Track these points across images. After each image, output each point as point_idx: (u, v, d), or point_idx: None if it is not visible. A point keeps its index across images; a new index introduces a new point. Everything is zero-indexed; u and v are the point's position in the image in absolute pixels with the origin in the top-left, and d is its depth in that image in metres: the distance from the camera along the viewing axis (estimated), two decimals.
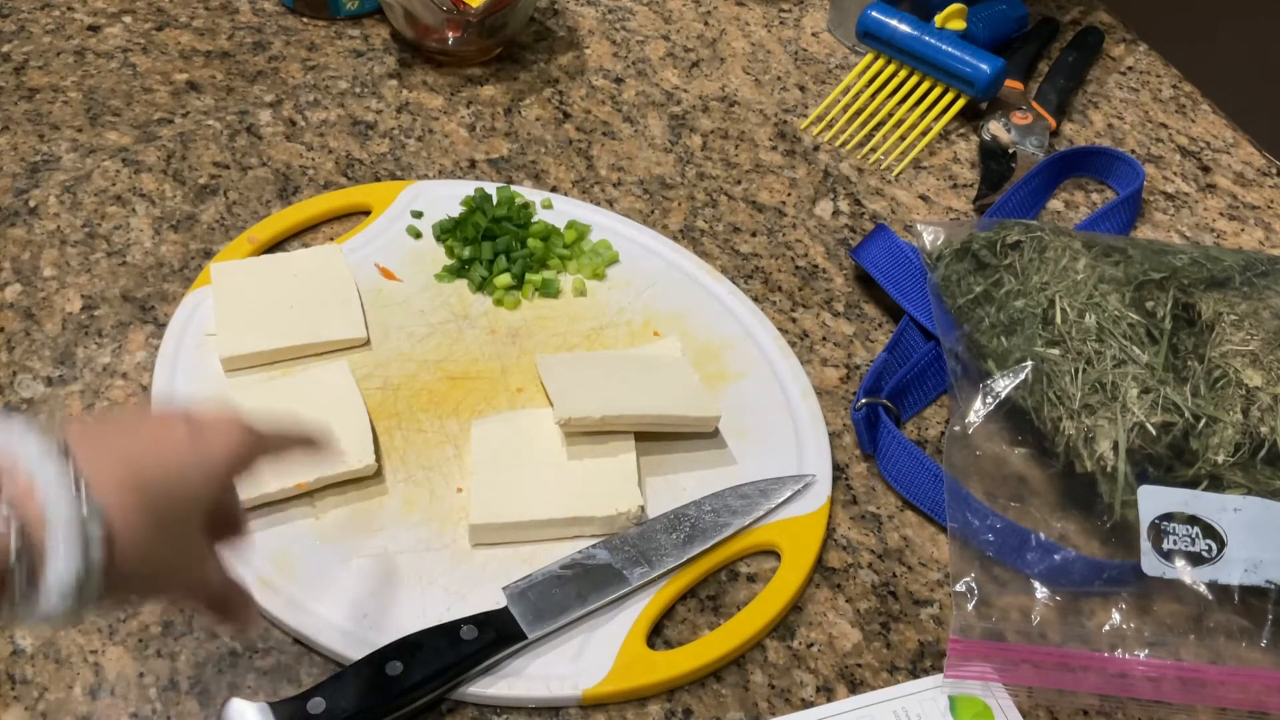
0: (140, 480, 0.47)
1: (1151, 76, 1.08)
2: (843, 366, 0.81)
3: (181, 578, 0.51)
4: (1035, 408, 0.72)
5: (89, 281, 0.79)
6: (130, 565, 0.46)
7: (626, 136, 0.95)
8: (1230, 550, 0.66)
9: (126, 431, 0.51)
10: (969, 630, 0.65)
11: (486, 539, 0.67)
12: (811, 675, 0.65)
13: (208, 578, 0.52)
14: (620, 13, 1.06)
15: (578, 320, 0.80)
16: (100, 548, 0.45)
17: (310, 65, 0.96)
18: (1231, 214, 0.96)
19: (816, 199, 0.92)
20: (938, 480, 0.71)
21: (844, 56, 1.05)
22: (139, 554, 0.46)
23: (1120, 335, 0.72)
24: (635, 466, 0.70)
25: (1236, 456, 0.68)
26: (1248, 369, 0.70)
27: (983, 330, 0.76)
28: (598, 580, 0.65)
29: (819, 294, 0.85)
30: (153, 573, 0.49)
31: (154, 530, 0.47)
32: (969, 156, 0.97)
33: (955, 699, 0.64)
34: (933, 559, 0.71)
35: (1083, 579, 0.67)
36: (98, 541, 0.45)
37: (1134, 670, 0.65)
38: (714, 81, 1.01)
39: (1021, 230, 0.79)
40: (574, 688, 0.62)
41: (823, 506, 0.71)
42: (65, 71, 0.93)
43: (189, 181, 0.86)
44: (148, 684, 0.61)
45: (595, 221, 0.86)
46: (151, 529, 0.47)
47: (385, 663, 0.60)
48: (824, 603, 0.69)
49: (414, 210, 0.85)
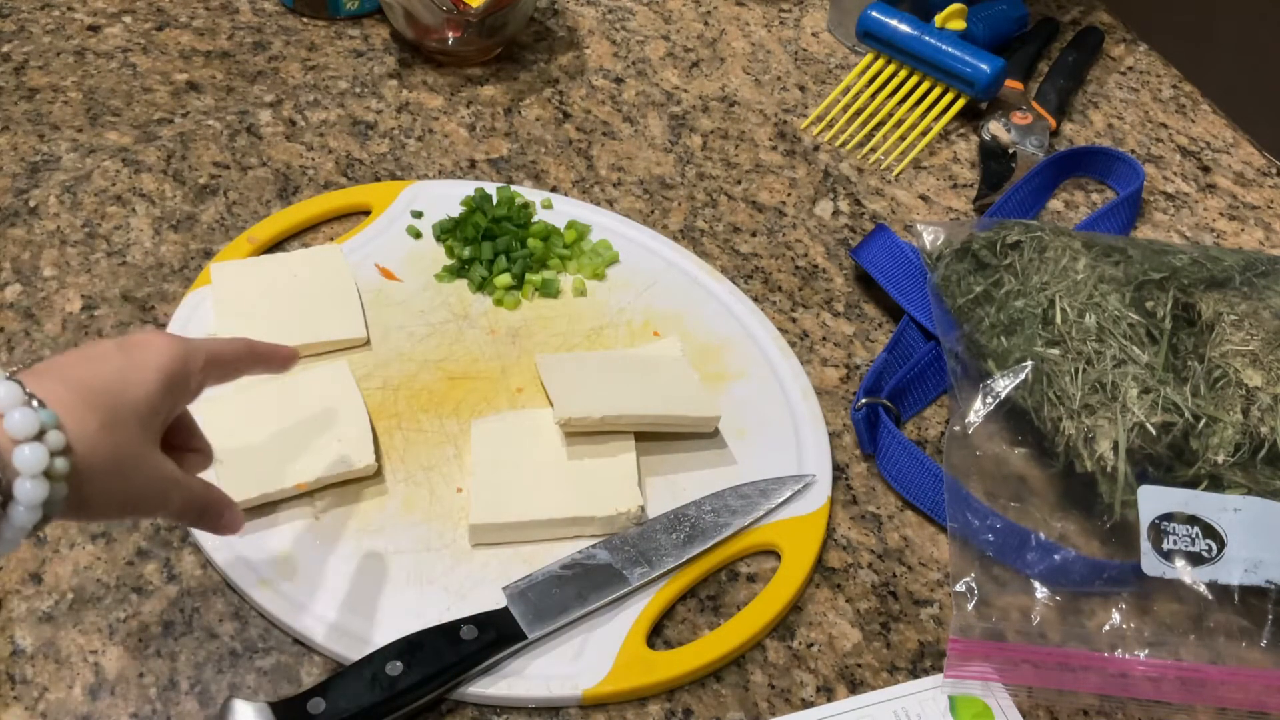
0: (85, 392, 0.50)
1: (1151, 76, 1.08)
2: (843, 366, 0.81)
3: (149, 486, 0.52)
4: (1035, 408, 0.72)
5: (89, 281, 0.79)
6: (95, 472, 0.49)
7: (626, 136, 0.95)
8: (1230, 550, 0.66)
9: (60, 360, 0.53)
10: (969, 630, 0.65)
11: (486, 539, 0.67)
12: (811, 675, 0.65)
13: (178, 486, 0.54)
14: (620, 13, 1.06)
15: (578, 320, 0.80)
16: (63, 456, 0.47)
17: (310, 65, 0.96)
18: (1231, 214, 0.96)
19: (816, 199, 0.92)
20: (938, 480, 0.71)
21: (844, 56, 1.05)
22: (100, 461, 0.49)
23: (1120, 335, 0.72)
24: (635, 466, 0.70)
25: (1236, 456, 0.68)
26: (1248, 369, 0.70)
27: (983, 330, 0.76)
28: (598, 580, 0.65)
29: (819, 294, 0.85)
30: (119, 480, 0.51)
31: (109, 437, 0.49)
32: (969, 156, 0.97)
33: (955, 699, 0.64)
34: (933, 559, 0.71)
35: (1083, 579, 0.67)
36: (59, 448, 0.47)
37: (1134, 670, 0.65)
38: (714, 81, 1.01)
39: (1021, 230, 0.79)
40: (574, 688, 0.62)
41: (823, 506, 0.71)
42: (65, 71, 0.93)
43: (189, 181, 0.86)
44: (148, 684, 0.61)
45: (595, 221, 0.86)
46: (106, 434, 0.49)
47: (385, 663, 0.60)
48: (824, 603, 0.69)
49: (414, 210, 0.85)
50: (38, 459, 0.46)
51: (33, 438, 0.46)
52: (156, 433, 0.53)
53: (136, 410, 0.51)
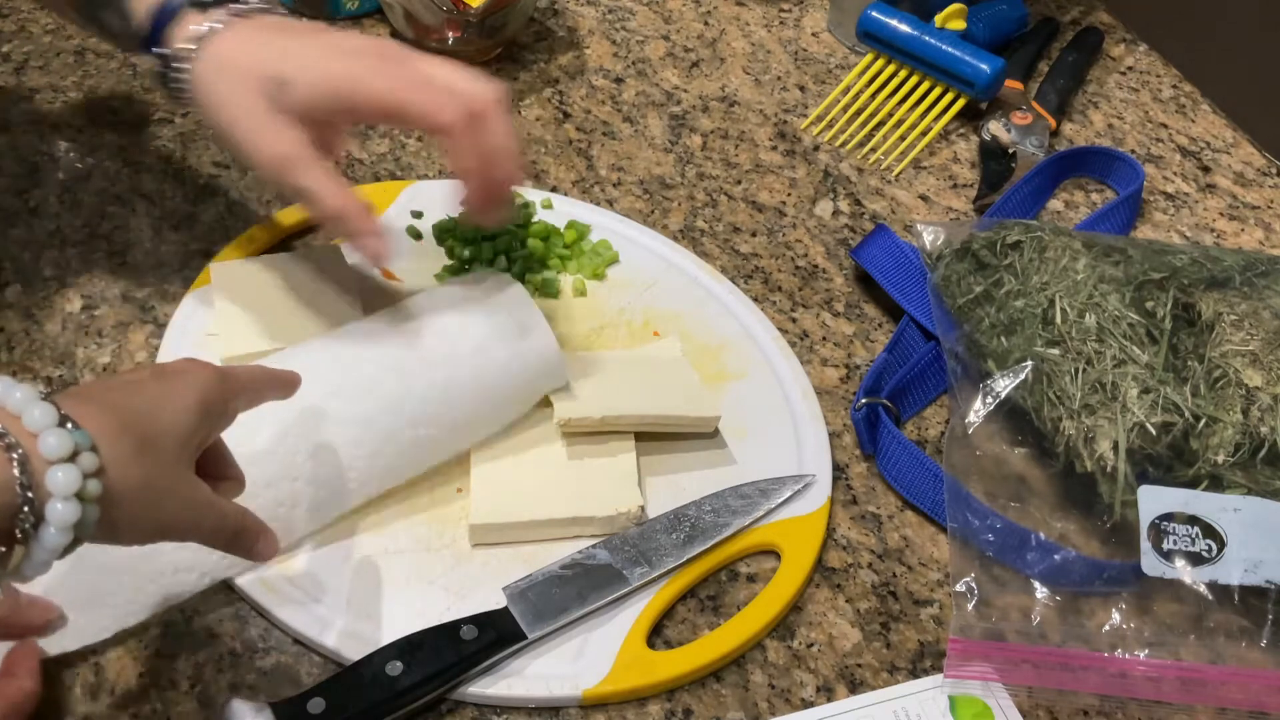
0: (120, 415, 0.50)
1: (1151, 76, 1.08)
2: (843, 366, 0.81)
3: (181, 511, 0.53)
4: (1035, 408, 0.72)
5: (89, 281, 0.79)
6: (128, 496, 0.49)
7: (626, 136, 0.95)
8: (1230, 550, 0.66)
9: (97, 385, 0.54)
10: (969, 630, 0.65)
11: (486, 539, 0.67)
12: (811, 675, 0.65)
13: (212, 512, 0.54)
14: (620, 13, 1.06)
15: (578, 320, 0.80)
16: (96, 478, 0.47)
17: None
18: (1231, 214, 0.96)
19: (816, 199, 0.92)
20: (938, 480, 0.71)
21: (844, 56, 1.05)
22: (133, 485, 0.49)
23: (1120, 335, 0.72)
24: (635, 467, 0.70)
25: (1236, 456, 0.68)
26: (1248, 369, 0.70)
27: (983, 330, 0.76)
28: (598, 580, 0.65)
29: (819, 294, 0.85)
30: (152, 504, 0.51)
31: (143, 461, 0.50)
32: (969, 156, 0.97)
33: (955, 699, 0.64)
34: (933, 559, 0.71)
35: (1083, 579, 0.67)
36: (92, 465, 0.47)
37: (1134, 670, 0.65)
38: (714, 81, 1.01)
39: (1021, 230, 0.79)
40: (574, 688, 0.62)
41: (823, 506, 0.71)
42: (65, 71, 0.93)
43: (189, 181, 0.86)
44: (148, 684, 0.61)
45: (595, 221, 0.86)
46: (139, 458, 0.49)
47: (385, 663, 0.60)
48: (824, 603, 0.69)
49: (414, 210, 0.85)
50: (70, 481, 0.46)
51: (66, 459, 0.46)
52: (191, 459, 0.54)
53: (172, 436, 0.52)
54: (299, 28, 0.68)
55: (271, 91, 0.64)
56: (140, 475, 0.50)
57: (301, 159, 0.64)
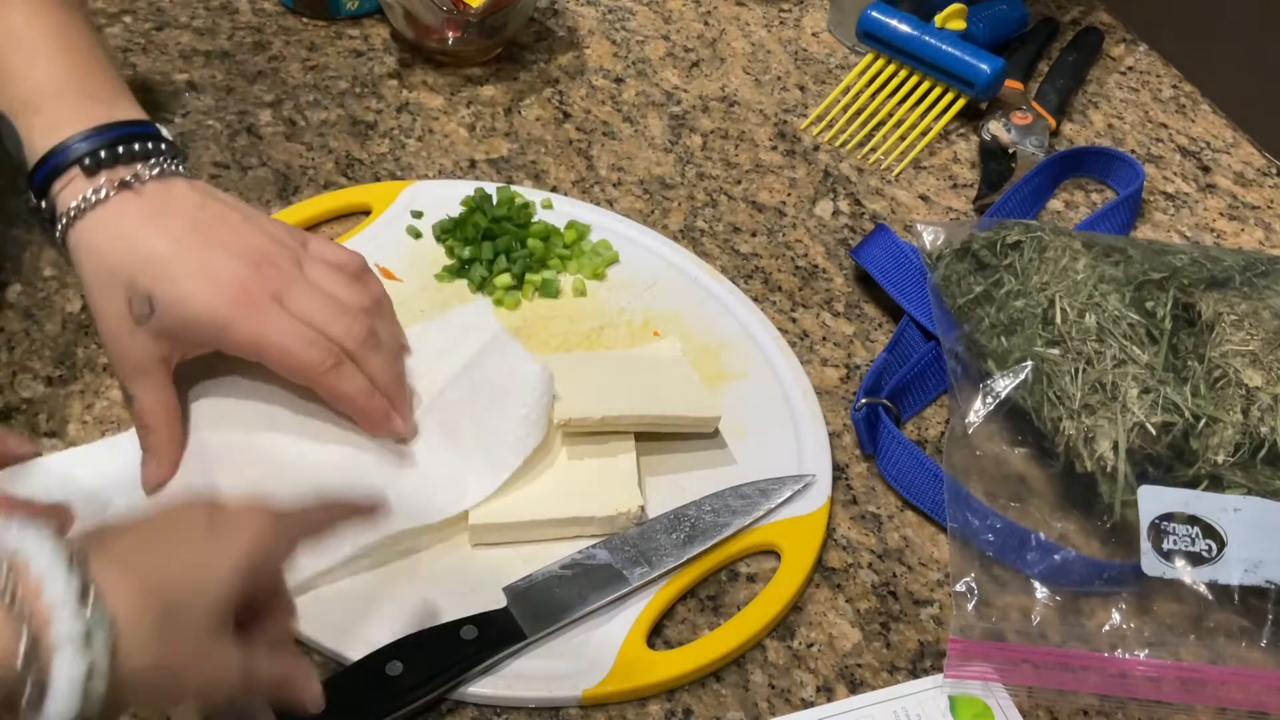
0: (148, 582, 0.46)
1: (1151, 76, 1.08)
2: (843, 366, 0.81)
3: (204, 684, 0.49)
4: (1035, 408, 0.72)
5: None
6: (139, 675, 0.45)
7: (626, 136, 0.95)
8: (1230, 550, 0.66)
9: (143, 532, 0.50)
10: (969, 630, 0.65)
11: (486, 539, 0.67)
12: (811, 675, 0.65)
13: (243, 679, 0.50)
14: (620, 13, 1.06)
15: (578, 320, 0.80)
16: (106, 657, 0.44)
17: (310, 65, 0.96)
18: (1231, 214, 0.96)
19: (816, 199, 0.92)
20: (938, 480, 0.71)
21: (844, 56, 1.05)
22: (145, 665, 0.46)
23: (1120, 335, 0.72)
24: (635, 467, 0.70)
25: (1236, 456, 0.68)
26: (1248, 369, 0.70)
27: (983, 330, 0.76)
28: (598, 580, 0.65)
29: (819, 294, 0.85)
30: (167, 681, 0.47)
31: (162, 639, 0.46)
32: (969, 156, 0.97)
33: (955, 699, 0.64)
34: (933, 559, 0.71)
35: (1083, 579, 0.67)
36: (104, 651, 0.44)
37: (1134, 670, 0.65)
38: (714, 81, 1.01)
39: (1021, 230, 0.79)
40: (574, 688, 0.62)
41: (823, 506, 0.71)
42: None
43: None
44: None
45: (595, 221, 0.86)
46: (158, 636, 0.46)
47: (385, 663, 0.60)
48: (824, 603, 0.69)
49: (414, 210, 0.85)
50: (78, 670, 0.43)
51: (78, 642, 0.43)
52: (225, 624, 0.49)
53: (204, 604, 0.48)
54: (182, 213, 0.66)
55: (137, 307, 0.64)
56: (156, 656, 0.46)
57: (146, 374, 0.66)
